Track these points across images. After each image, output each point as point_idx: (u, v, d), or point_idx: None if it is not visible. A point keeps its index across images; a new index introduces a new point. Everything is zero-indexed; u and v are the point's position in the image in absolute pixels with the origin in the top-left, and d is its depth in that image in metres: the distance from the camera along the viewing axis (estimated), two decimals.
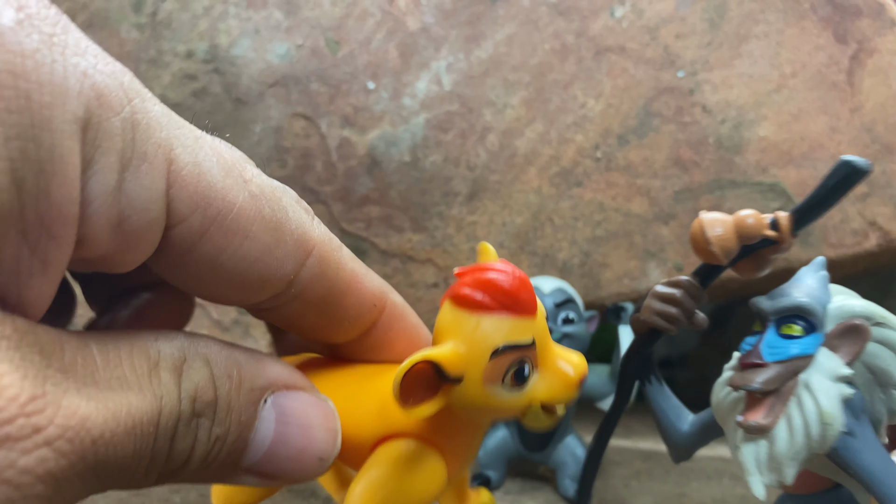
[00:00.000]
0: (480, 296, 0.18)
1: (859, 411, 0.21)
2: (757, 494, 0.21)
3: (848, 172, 0.20)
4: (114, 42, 0.49)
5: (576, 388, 0.19)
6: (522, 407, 0.19)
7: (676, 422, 0.27)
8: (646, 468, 0.42)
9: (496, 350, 0.18)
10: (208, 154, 0.16)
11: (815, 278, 0.22)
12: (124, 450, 0.14)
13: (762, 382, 0.21)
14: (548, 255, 0.46)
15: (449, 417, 0.19)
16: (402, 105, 0.48)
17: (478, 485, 0.37)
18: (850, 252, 0.44)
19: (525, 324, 0.18)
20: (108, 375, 0.14)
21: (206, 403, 0.16)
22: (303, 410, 0.18)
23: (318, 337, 0.21)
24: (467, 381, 0.18)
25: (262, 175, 0.18)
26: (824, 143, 0.45)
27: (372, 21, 0.48)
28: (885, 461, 0.20)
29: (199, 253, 0.16)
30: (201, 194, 0.15)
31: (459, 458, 0.21)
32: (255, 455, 0.17)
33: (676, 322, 0.25)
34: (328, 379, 0.21)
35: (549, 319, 0.36)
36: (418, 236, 0.47)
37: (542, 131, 0.47)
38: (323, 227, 0.19)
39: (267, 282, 0.17)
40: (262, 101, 0.48)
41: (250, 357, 0.18)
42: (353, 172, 0.47)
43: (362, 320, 0.21)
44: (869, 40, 0.45)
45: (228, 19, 0.49)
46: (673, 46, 0.46)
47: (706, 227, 0.22)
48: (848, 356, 0.21)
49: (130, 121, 0.14)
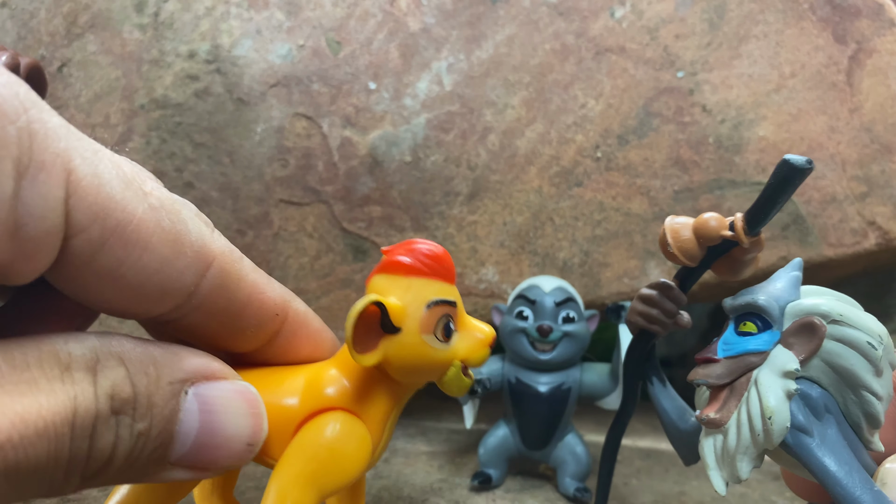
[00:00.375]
0: (412, 261, 0.21)
1: (821, 410, 0.20)
2: (717, 488, 0.21)
3: (789, 171, 0.20)
4: (116, 42, 0.49)
5: (487, 348, 0.22)
6: (447, 361, 0.21)
7: (679, 421, 0.27)
8: (645, 466, 0.43)
9: (430, 302, 0.21)
10: (108, 166, 0.16)
11: (786, 279, 0.23)
12: (36, 452, 0.14)
13: (713, 377, 0.22)
14: (548, 254, 0.46)
15: (374, 388, 0.22)
16: (404, 105, 0.48)
17: (479, 483, 0.37)
18: (849, 251, 0.44)
19: (449, 287, 0.22)
20: (15, 380, 0.14)
21: (123, 400, 0.16)
22: (226, 398, 0.18)
23: (221, 346, 0.21)
24: (406, 331, 0.21)
25: (162, 188, 0.18)
26: (823, 143, 0.45)
27: (373, 21, 0.49)
28: (843, 461, 0.20)
29: (99, 265, 0.16)
30: (101, 205, 0.15)
31: (379, 430, 0.22)
32: (183, 447, 0.17)
33: (658, 322, 0.25)
34: (245, 372, 0.22)
35: (550, 318, 0.36)
36: (419, 236, 0.47)
37: (542, 131, 0.47)
38: (223, 239, 0.19)
39: (167, 293, 0.17)
40: (264, 102, 0.48)
41: (166, 351, 0.18)
42: (354, 172, 0.47)
43: (265, 329, 0.21)
44: (868, 40, 0.45)
45: (230, 20, 0.49)
46: (673, 47, 0.47)
47: (668, 232, 0.23)
48: (802, 353, 0.21)
49: (27, 130, 0.14)
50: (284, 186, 0.48)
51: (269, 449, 0.21)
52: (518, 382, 0.37)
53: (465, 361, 0.22)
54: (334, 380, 0.22)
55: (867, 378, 0.20)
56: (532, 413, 0.37)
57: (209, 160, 0.48)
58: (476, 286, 0.46)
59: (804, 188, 0.44)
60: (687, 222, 0.23)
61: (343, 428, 0.21)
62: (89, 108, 0.49)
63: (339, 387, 0.22)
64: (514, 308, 0.38)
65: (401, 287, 0.21)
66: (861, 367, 0.20)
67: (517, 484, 0.39)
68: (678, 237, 0.23)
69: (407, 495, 0.37)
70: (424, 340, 0.21)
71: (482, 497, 0.37)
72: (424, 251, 0.21)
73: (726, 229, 0.22)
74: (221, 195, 0.48)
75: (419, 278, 0.21)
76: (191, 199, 0.53)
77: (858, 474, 0.19)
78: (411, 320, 0.21)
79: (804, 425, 0.20)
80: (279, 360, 0.23)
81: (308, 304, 0.50)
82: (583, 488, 0.36)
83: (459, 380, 0.22)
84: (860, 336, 0.20)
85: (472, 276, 0.47)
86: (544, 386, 0.37)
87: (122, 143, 0.49)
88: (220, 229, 0.52)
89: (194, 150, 0.48)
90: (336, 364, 0.22)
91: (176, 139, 0.48)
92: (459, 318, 0.22)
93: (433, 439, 0.47)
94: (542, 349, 0.37)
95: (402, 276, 0.21)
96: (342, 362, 0.22)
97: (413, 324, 0.21)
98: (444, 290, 0.21)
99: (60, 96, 0.49)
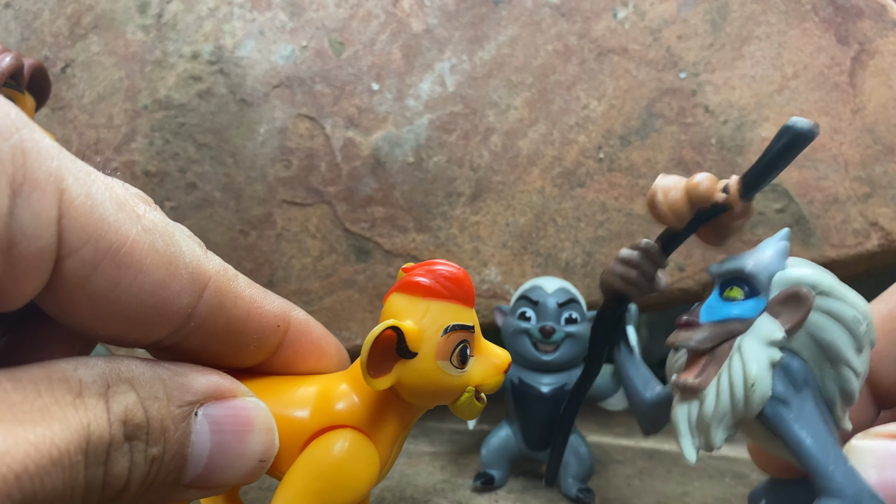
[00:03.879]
0: (431, 282, 0.20)
1: (801, 382, 0.20)
2: (687, 457, 0.21)
3: (793, 136, 0.20)
4: (119, 43, 0.50)
5: (503, 374, 0.22)
6: (462, 387, 0.21)
7: (643, 390, 0.26)
8: (648, 467, 0.43)
9: (447, 328, 0.20)
10: (100, 188, 0.16)
11: (774, 248, 0.22)
12: (53, 482, 0.13)
13: (695, 341, 0.21)
14: (550, 255, 0.46)
15: (384, 407, 0.21)
16: (406, 106, 0.48)
17: (481, 483, 0.37)
18: (851, 252, 0.44)
19: (467, 311, 0.21)
20: (27, 409, 0.14)
21: (136, 426, 0.16)
22: (236, 416, 0.18)
23: (226, 365, 0.21)
24: (422, 356, 0.20)
25: (155, 211, 0.18)
26: (826, 144, 0.45)
27: (376, 23, 0.49)
28: (817, 434, 0.19)
29: (93, 287, 0.15)
30: (94, 226, 0.15)
31: (388, 450, 0.22)
32: (196, 469, 0.17)
33: (636, 285, 0.25)
34: (254, 382, 0.22)
35: (553, 319, 0.36)
36: (422, 236, 0.47)
37: (544, 132, 0.47)
38: (217, 258, 0.19)
39: (164, 316, 0.17)
40: (267, 102, 0.48)
41: (174, 373, 0.18)
42: (357, 173, 0.48)
43: (268, 342, 0.21)
44: (871, 41, 0.45)
45: (233, 21, 0.49)
46: (675, 48, 0.47)
47: (658, 191, 0.22)
48: (788, 323, 0.20)
49: (20, 148, 0.14)
50: (287, 187, 0.48)
51: (277, 462, 0.21)
52: (521, 383, 0.38)
53: (478, 388, 0.21)
54: (345, 396, 0.21)
55: (849, 353, 0.20)
56: (534, 414, 0.37)
57: (212, 161, 0.48)
58: (479, 287, 0.46)
59: (806, 188, 0.44)
60: (679, 182, 0.22)
61: (352, 447, 0.21)
62: (92, 109, 0.49)
63: (350, 404, 0.21)
64: (516, 309, 0.38)
65: (419, 310, 0.20)
66: (844, 341, 0.20)
67: (519, 484, 0.39)
68: (668, 196, 0.22)
69: (409, 496, 0.37)
70: (440, 367, 0.20)
71: (484, 498, 0.37)
72: (444, 273, 0.21)
73: (719, 192, 0.22)
74: (224, 196, 0.48)
75: (437, 301, 0.20)
76: (194, 200, 0.54)
77: (833, 449, 0.19)
78: (427, 346, 0.20)
79: (784, 396, 0.20)
80: (285, 372, 0.23)
81: (311, 304, 0.51)
82: (585, 489, 0.36)
83: (472, 405, 0.21)
84: (847, 310, 0.20)
85: (475, 276, 0.47)
86: (547, 387, 0.37)
87: (125, 144, 0.49)
88: (223, 230, 0.52)
89: (197, 150, 0.48)
90: (347, 379, 0.22)
91: (179, 140, 0.48)
92: (476, 342, 0.22)
93: (436, 440, 0.47)
94: (545, 350, 0.37)
95: (420, 298, 0.20)
96: (354, 378, 0.22)
97: (429, 349, 0.20)
98: (463, 315, 0.21)
99: (64, 97, 0.50)
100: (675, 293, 0.45)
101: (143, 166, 0.48)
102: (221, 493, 0.19)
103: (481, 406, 0.22)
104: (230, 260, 0.47)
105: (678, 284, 0.45)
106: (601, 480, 0.40)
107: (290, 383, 0.22)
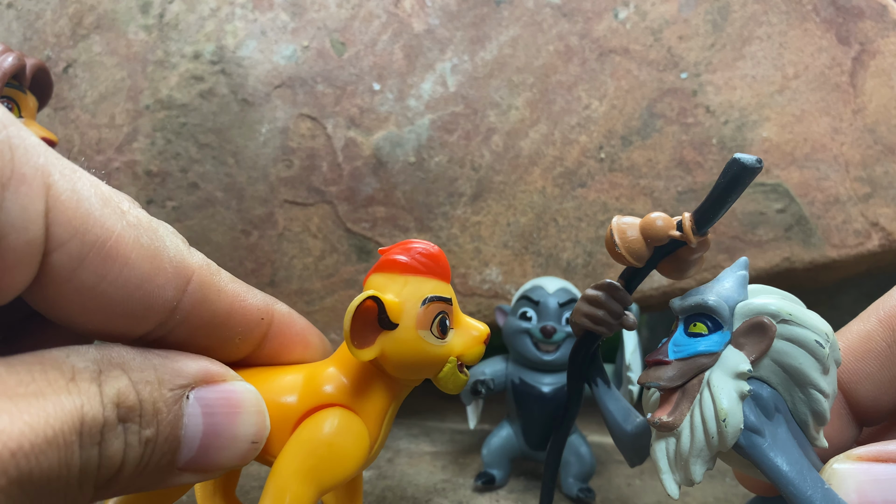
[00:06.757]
0: (408, 259, 0.22)
1: (771, 409, 0.20)
2: (670, 493, 0.21)
3: (738, 171, 0.20)
4: (121, 43, 0.50)
5: (482, 345, 0.23)
6: (443, 358, 0.22)
7: (624, 423, 0.27)
8: (648, 467, 0.43)
9: (426, 299, 0.21)
10: (86, 184, 0.16)
11: (733, 278, 0.22)
12: (48, 460, 0.14)
13: (664, 379, 0.22)
14: (552, 255, 0.47)
15: (371, 385, 0.22)
16: (408, 106, 0.48)
17: (482, 483, 0.37)
18: (852, 252, 0.44)
19: (444, 285, 0.22)
20: (21, 391, 0.14)
21: (129, 408, 0.16)
22: (226, 399, 0.19)
23: (214, 358, 0.21)
24: (403, 327, 0.21)
25: (139, 209, 0.18)
26: (827, 145, 0.45)
27: (377, 23, 0.49)
28: (794, 461, 0.20)
29: (79, 281, 0.16)
30: (80, 220, 0.15)
31: (377, 426, 0.23)
32: (190, 451, 0.18)
33: (602, 323, 0.25)
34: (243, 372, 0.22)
35: (553, 319, 0.37)
36: (423, 236, 0.47)
37: (546, 132, 0.47)
38: (199, 254, 0.20)
39: (150, 309, 0.18)
40: (269, 102, 0.48)
41: (165, 358, 0.18)
42: (358, 173, 0.48)
43: (253, 335, 0.22)
44: (871, 42, 0.45)
45: (235, 21, 0.49)
46: (676, 48, 0.47)
47: (615, 231, 0.23)
48: (753, 353, 0.21)
49: (7, 143, 0.14)
50: (289, 187, 0.48)
51: (269, 446, 0.21)
52: (521, 383, 0.38)
53: (460, 358, 0.22)
54: (332, 377, 0.22)
55: (815, 376, 0.20)
56: (535, 413, 0.37)
57: (214, 161, 0.48)
58: (480, 287, 0.47)
59: (807, 189, 0.44)
60: (634, 222, 0.23)
61: (341, 424, 0.22)
62: (94, 109, 0.49)
63: (337, 384, 0.22)
64: (517, 309, 0.38)
65: (397, 284, 0.21)
66: (809, 365, 0.20)
67: (520, 484, 0.39)
68: (625, 237, 0.23)
69: (411, 495, 0.37)
70: (421, 336, 0.21)
71: (485, 497, 0.37)
72: (420, 250, 0.22)
73: (674, 229, 0.22)
74: (226, 195, 0.48)
75: (415, 276, 0.22)
76: (196, 200, 0.54)
77: (809, 473, 0.19)
78: (408, 316, 0.21)
79: (756, 426, 0.20)
80: (272, 364, 0.23)
81: (312, 304, 0.51)
82: (586, 489, 0.36)
83: (455, 376, 0.22)
84: (808, 335, 0.20)
85: (476, 276, 0.47)
86: (548, 387, 0.37)
87: (127, 144, 0.49)
88: (225, 229, 0.52)
89: (199, 150, 0.48)
90: (334, 362, 0.23)
91: (181, 140, 0.48)
92: (455, 315, 0.23)
93: (437, 440, 0.47)
94: (546, 350, 0.37)
95: (398, 275, 0.22)
96: (340, 361, 0.23)
97: (410, 320, 0.21)
98: (440, 288, 0.22)
99: (66, 97, 0.50)
100: (676, 293, 0.45)
101: (145, 166, 0.48)
102: (216, 477, 0.20)
103: (465, 378, 0.23)
104: (232, 260, 0.47)
105: (679, 284, 0.45)
106: (602, 480, 0.40)
107: (278, 371, 0.23)
